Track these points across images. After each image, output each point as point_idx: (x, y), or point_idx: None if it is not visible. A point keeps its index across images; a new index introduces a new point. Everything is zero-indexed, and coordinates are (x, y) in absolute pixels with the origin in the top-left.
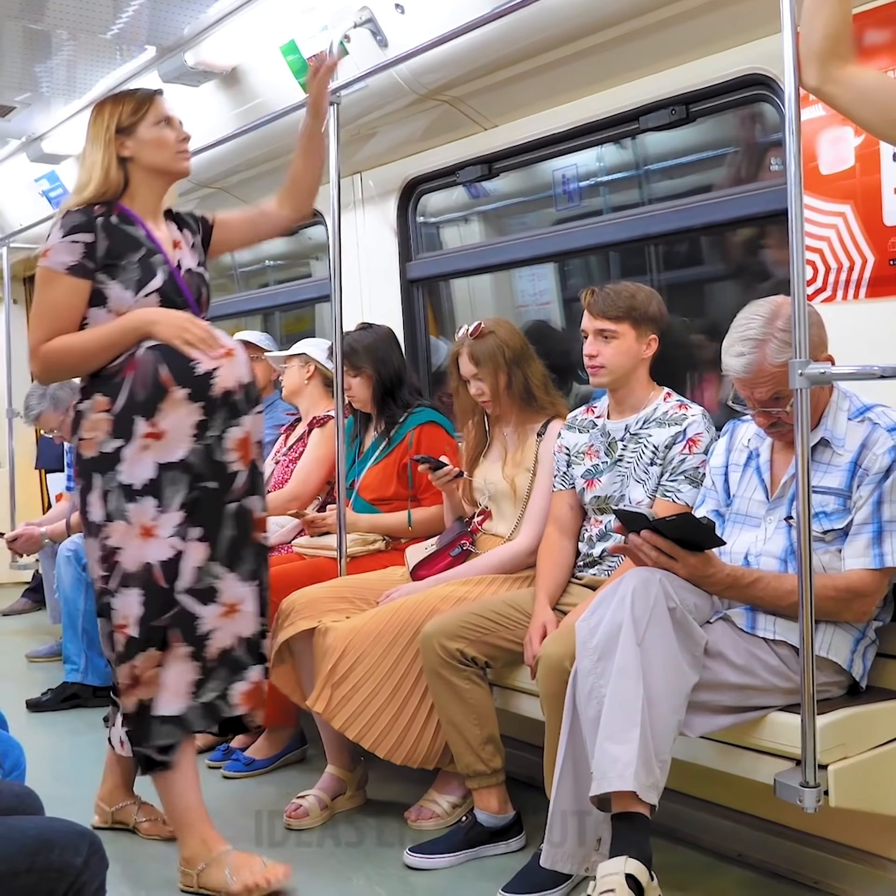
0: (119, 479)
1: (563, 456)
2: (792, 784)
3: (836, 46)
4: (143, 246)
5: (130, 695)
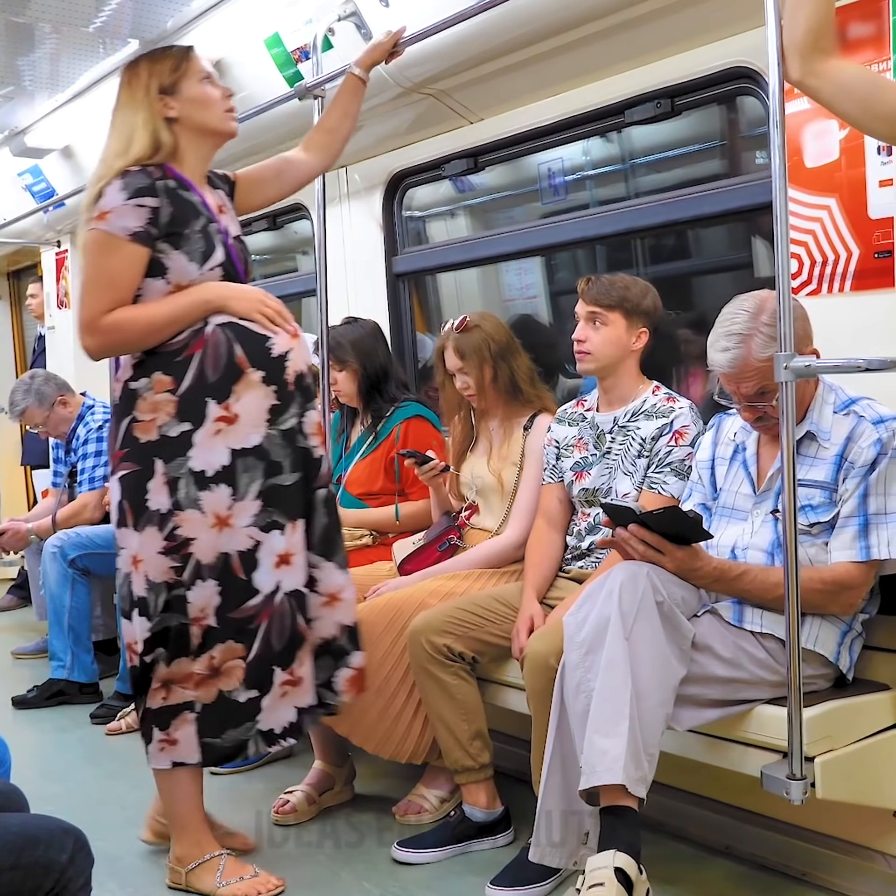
0: (190, 466)
1: (552, 449)
2: (779, 776)
3: (818, 40)
4: (201, 214)
5: (210, 686)
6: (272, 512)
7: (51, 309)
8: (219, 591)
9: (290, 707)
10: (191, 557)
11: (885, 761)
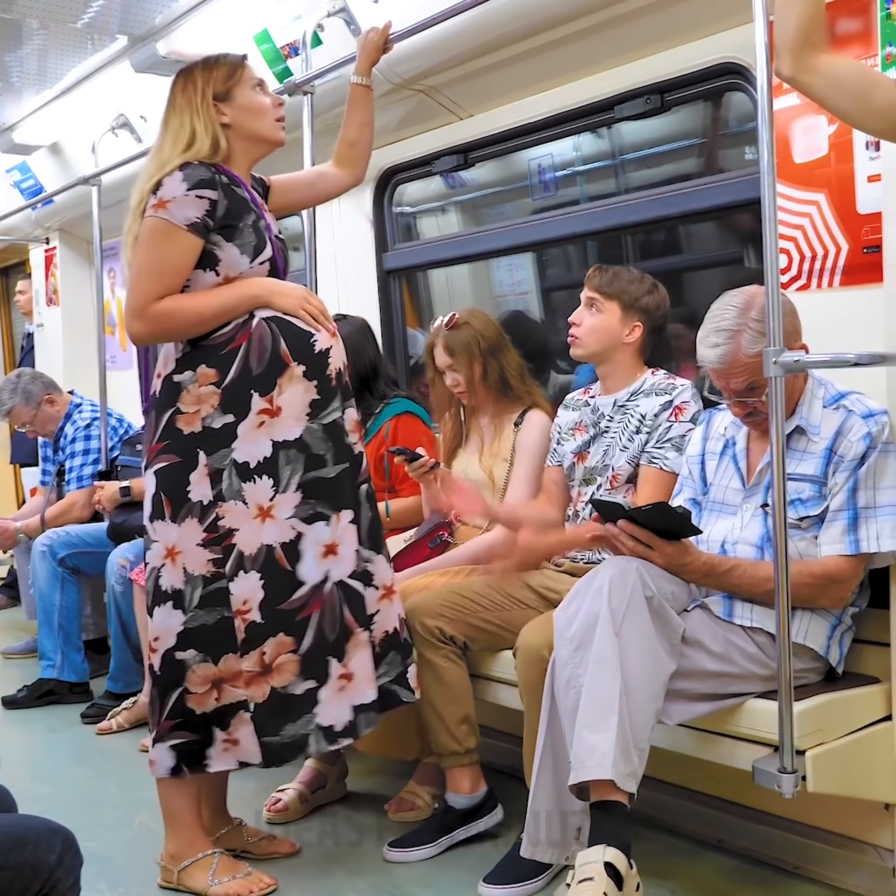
0: (233, 457)
1: (555, 433)
2: (770, 770)
3: (810, 36)
4: (252, 210)
5: (262, 684)
6: (315, 504)
7: (39, 306)
8: (262, 584)
9: (348, 704)
10: (233, 549)
11: (875, 754)
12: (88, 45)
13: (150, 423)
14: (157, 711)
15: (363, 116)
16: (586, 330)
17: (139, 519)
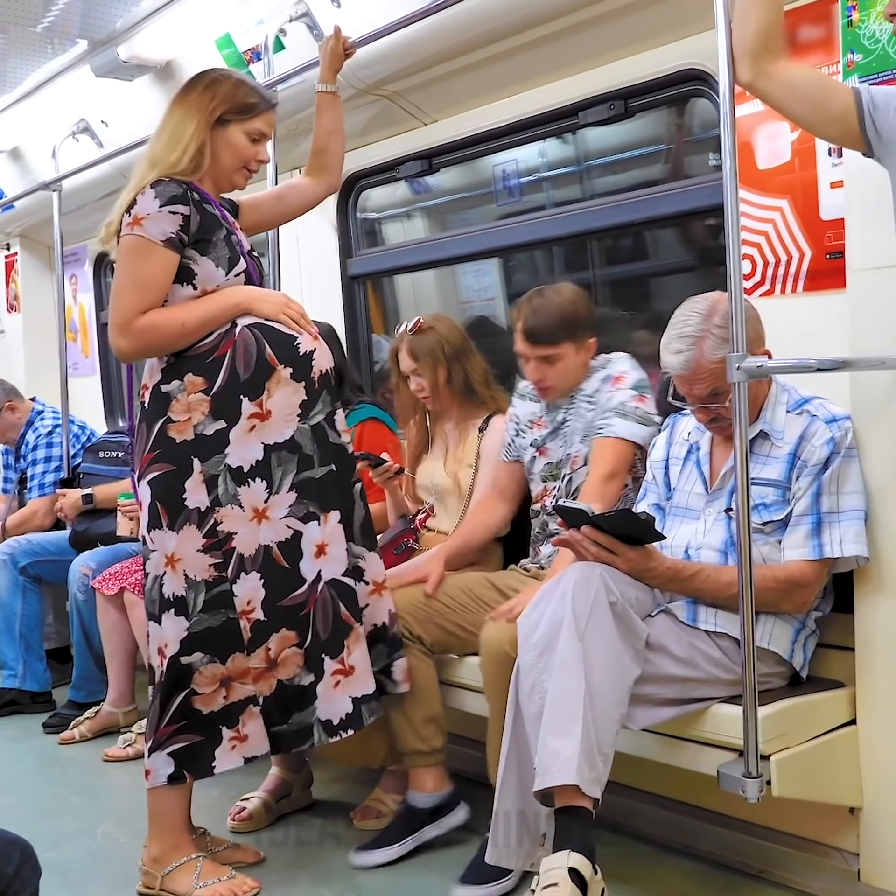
0: (227, 463)
1: (512, 425)
2: (735, 775)
3: (768, 42)
4: (223, 225)
5: (269, 678)
6: (308, 503)
7: (0, 312)
8: (262, 584)
9: (346, 697)
10: (234, 552)
11: (839, 758)
12: (49, 50)
13: (140, 434)
14: (157, 719)
15: (330, 123)
16: (557, 379)
17: (101, 527)
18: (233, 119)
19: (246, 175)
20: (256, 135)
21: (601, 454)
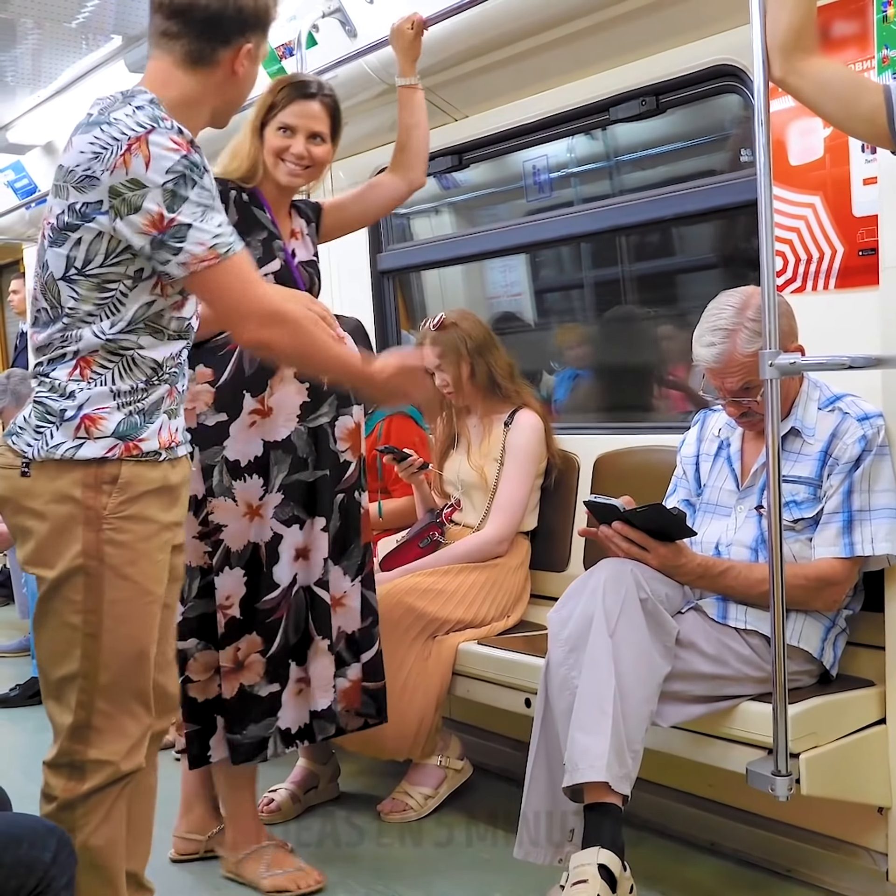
0: (224, 455)
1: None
2: (764, 773)
3: (800, 38)
4: (266, 229)
5: (232, 680)
6: (293, 506)
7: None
8: (245, 581)
9: (305, 708)
10: (221, 544)
11: (869, 757)
12: (83, 45)
13: None
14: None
15: (409, 118)
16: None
17: None
18: (267, 119)
19: (286, 170)
20: (284, 126)
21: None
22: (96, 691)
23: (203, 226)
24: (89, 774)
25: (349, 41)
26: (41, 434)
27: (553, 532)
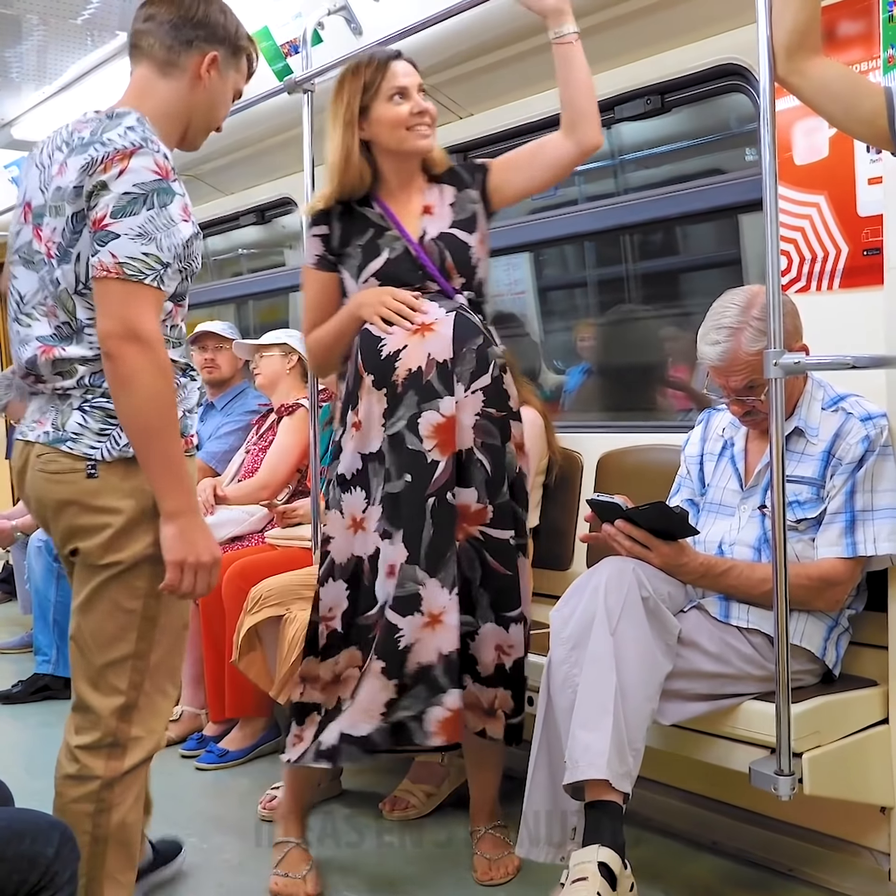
0: (337, 469)
1: None
2: (767, 772)
3: (803, 39)
4: (371, 227)
5: (332, 692)
6: (386, 520)
7: None
8: (347, 595)
9: (337, 728)
10: (328, 555)
11: (872, 757)
12: (88, 42)
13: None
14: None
15: (563, 74)
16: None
17: None
18: (366, 102)
19: (418, 135)
20: (395, 91)
21: None
22: (147, 671)
23: (128, 243)
24: (130, 752)
25: (354, 39)
26: (106, 436)
27: (556, 531)
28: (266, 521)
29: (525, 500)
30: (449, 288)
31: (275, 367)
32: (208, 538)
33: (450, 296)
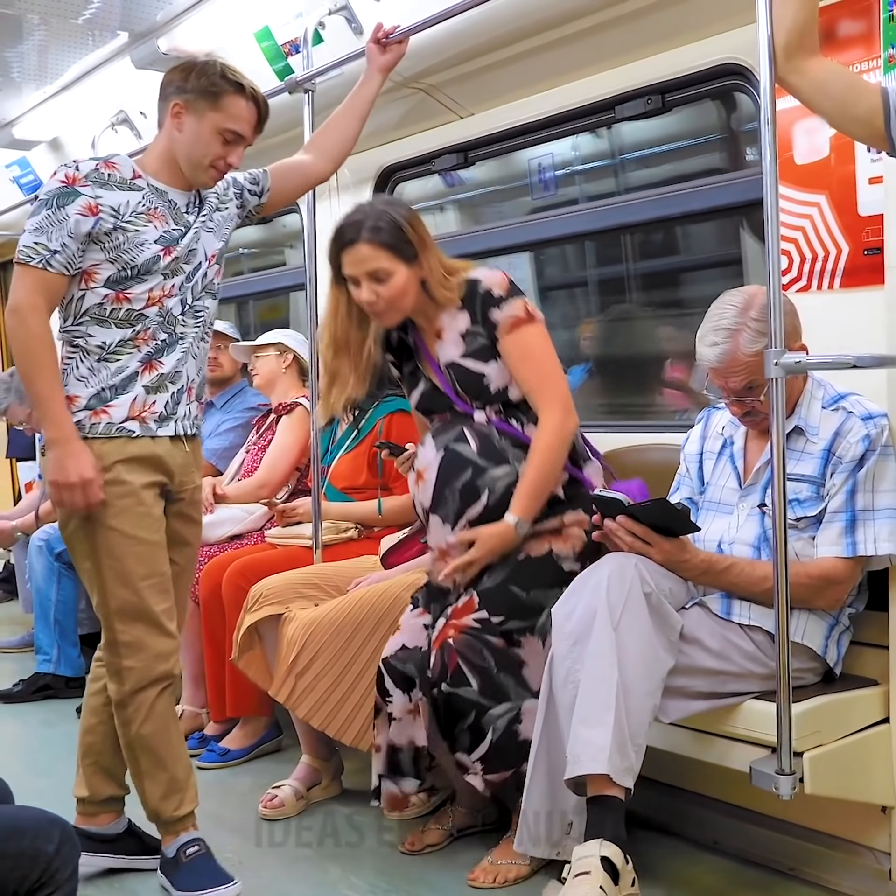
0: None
1: None
2: (768, 771)
3: (802, 38)
4: (412, 359)
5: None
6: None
7: None
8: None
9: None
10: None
11: (873, 756)
12: (89, 41)
13: None
14: None
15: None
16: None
17: None
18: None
19: (377, 319)
20: (350, 280)
21: None
22: (111, 615)
23: (29, 236)
24: (125, 679)
25: (355, 38)
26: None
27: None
28: (265, 519)
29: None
30: (468, 408)
31: (271, 367)
32: (79, 462)
33: (470, 415)
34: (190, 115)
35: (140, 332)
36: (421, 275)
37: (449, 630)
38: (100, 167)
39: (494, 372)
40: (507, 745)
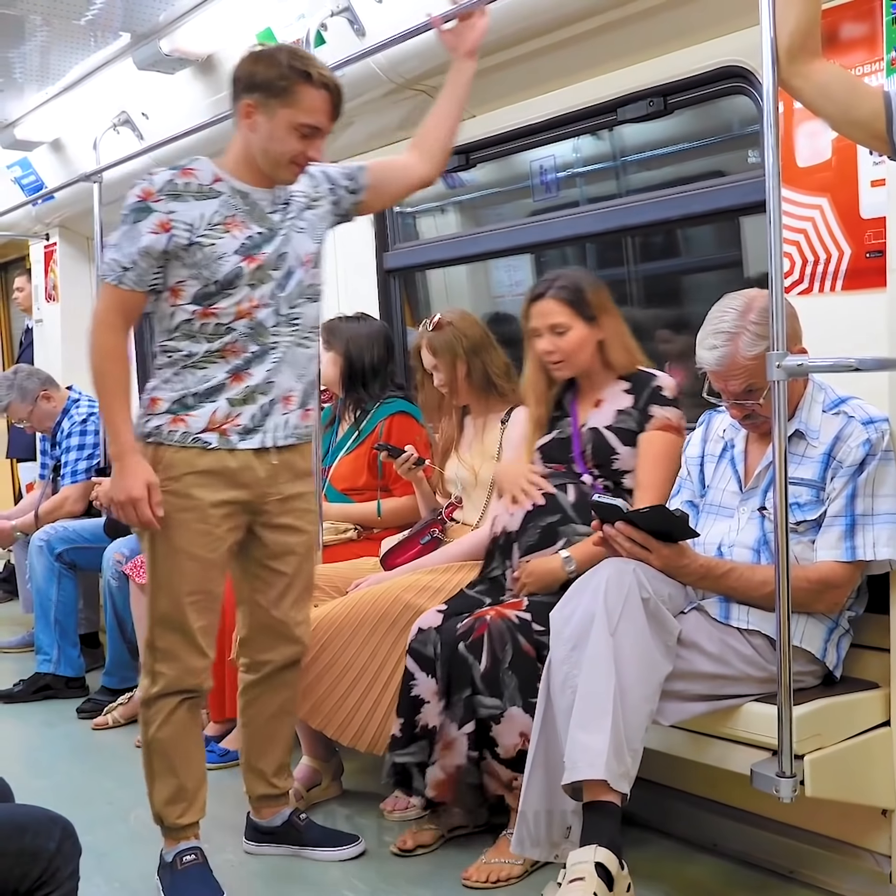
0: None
1: None
2: (768, 774)
3: (805, 41)
4: (562, 406)
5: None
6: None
7: (39, 302)
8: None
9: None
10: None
11: (873, 759)
12: (91, 42)
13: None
14: None
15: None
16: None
17: None
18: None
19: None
20: (533, 333)
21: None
22: (153, 621)
23: (107, 252)
24: (156, 681)
25: (357, 40)
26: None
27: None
28: None
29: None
30: (584, 470)
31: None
32: (129, 479)
33: (580, 474)
34: (261, 113)
35: (228, 343)
36: (599, 337)
37: (492, 610)
38: (175, 178)
39: (626, 456)
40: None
